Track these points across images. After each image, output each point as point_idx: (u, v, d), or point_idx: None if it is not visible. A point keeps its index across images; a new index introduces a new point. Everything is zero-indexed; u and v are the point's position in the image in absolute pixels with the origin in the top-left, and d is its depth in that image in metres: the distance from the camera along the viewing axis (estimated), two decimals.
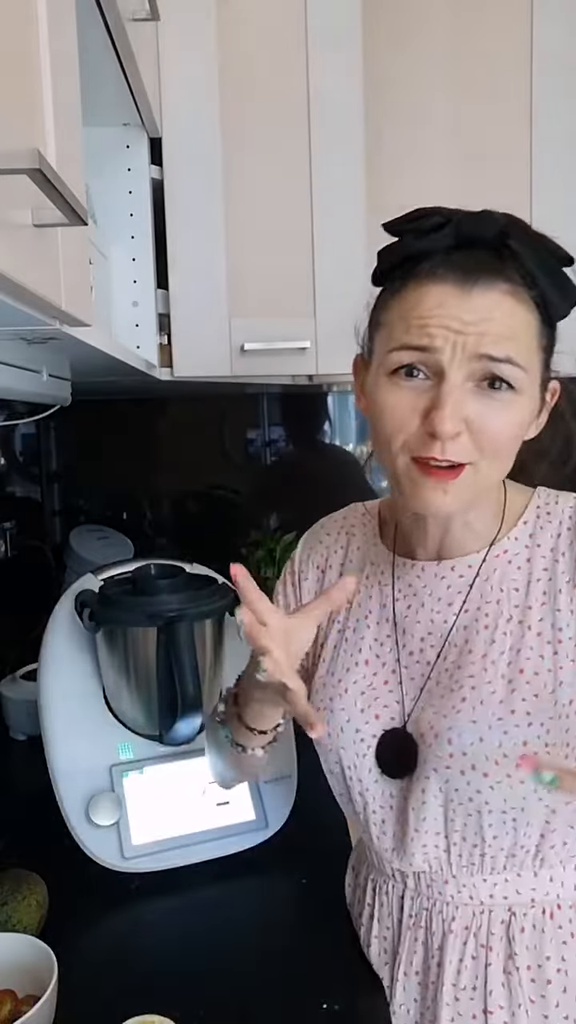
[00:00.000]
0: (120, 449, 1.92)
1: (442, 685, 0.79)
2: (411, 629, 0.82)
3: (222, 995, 0.80)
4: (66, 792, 1.01)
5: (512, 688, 0.75)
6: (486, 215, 0.70)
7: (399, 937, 0.82)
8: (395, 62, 1.50)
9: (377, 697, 0.82)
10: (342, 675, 0.84)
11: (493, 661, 0.76)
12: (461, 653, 0.79)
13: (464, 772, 0.75)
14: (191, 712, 1.01)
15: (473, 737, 0.75)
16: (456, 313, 0.68)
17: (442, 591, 0.81)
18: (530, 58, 1.49)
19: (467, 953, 0.79)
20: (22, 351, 0.89)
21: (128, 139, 1.22)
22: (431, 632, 0.81)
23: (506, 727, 0.74)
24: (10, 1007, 0.73)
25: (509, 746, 0.74)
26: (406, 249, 0.71)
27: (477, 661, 0.77)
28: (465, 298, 0.68)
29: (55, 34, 0.60)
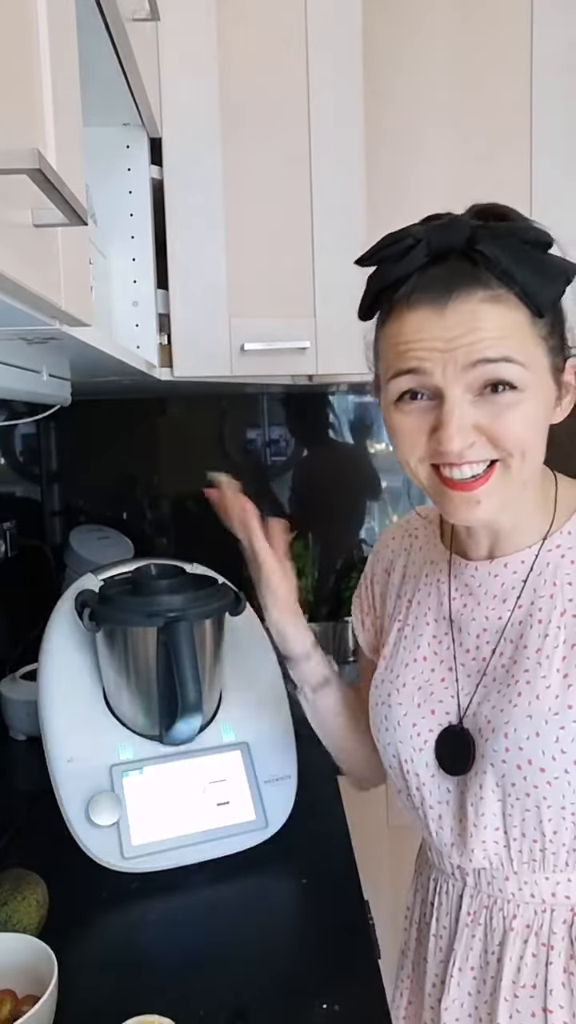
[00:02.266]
0: (120, 449, 1.92)
1: (498, 681, 0.80)
2: (467, 627, 0.83)
3: (222, 995, 0.80)
4: (66, 792, 1.01)
5: (568, 683, 0.75)
6: (453, 224, 0.71)
7: (455, 934, 0.83)
8: (395, 62, 1.50)
9: (433, 693, 0.83)
10: (400, 671, 0.86)
11: (548, 656, 0.76)
12: (516, 648, 0.79)
13: (521, 767, 0.75)
14: (191, 712, 1.01)
15: (529, 732, 0.75)
16: (437, 333, 0.69)
17: (496, 589, 0.82)
18: (530, 56, 1.49)
19: (528, 951, 0.79)
20: (22, 351, 0.89)
21: (128, 139, 1.22)
22: (486, 629, 0.82)
23: (563, 722, 0.74)
24: (10, 1007, 0.73)
25: (567, 741, 0.73)
26: (382, 279, 0.72)
27: (532, 656, 0.77)
28: (443, 315, 0.69)
29: (55, 34, 0.60)
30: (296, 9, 1.47)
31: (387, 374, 0.74)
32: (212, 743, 1.09)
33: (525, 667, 0.77)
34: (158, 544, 1.95)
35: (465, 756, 0.79)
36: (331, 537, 1.98)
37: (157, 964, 0.85)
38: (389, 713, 0.84)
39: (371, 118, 1.51)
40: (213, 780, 1.06)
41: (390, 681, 0.86)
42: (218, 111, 1.33)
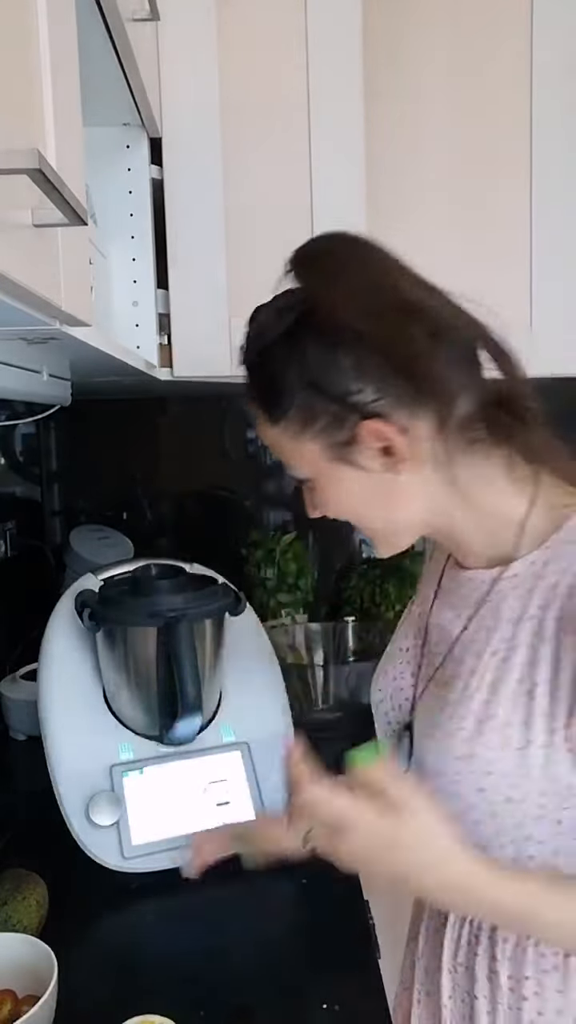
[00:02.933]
0: (120, 449, 1.92)
1: (436, 697, 0.78)
2: (432, 629, 0.83)
3: (222, 995, 0.80)
4: (66, 792, 1.01)
5: (480, 731, 0.71)
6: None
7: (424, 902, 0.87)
8: (395, 61, 1.50)
9: (402, 688, 0.85)
10: (389, 659, 0.89)
11: (470, 695, 0.73)
12: (455, 672, 0.77)
13: (434, 792, 0.73)
14: (191, 712, 1.01)
15: (434, 767, 0.74)
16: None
17: (457, 599, 0.80)
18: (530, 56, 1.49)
19: (462, 935, 0.80)
20: (22, 351, 0.89)
21: (128, 139, 1.22)
22: (441, 638, 0.81)
23: (460, 769, 0.71)
24: (10, 1007, 0.73)
25: (465, 788, 0.71)
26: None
27: (458, 689, 0.75)
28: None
29: (55, 34, 0.60)
30: (296, 9, 1.47)
31: None
32: (212, 743, 1.09)
33: (451, 697, 0.75)
34: (158, 544, 1.95)
35: (409, 753, 0.79)
36: (331, 537, 1.98)
37: (157, 964, 0.85)
38: (374, 696, 0.89)
39: (371, 118, 1.50)
40: (213, 780, 1.06)
41: (381, 666, 0.90)
42: (218, 111, 1.33)
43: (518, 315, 1.50)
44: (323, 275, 0.71)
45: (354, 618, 1.77)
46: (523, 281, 1.51)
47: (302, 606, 1.84)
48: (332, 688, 1.44)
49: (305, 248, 0.72)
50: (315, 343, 0.69)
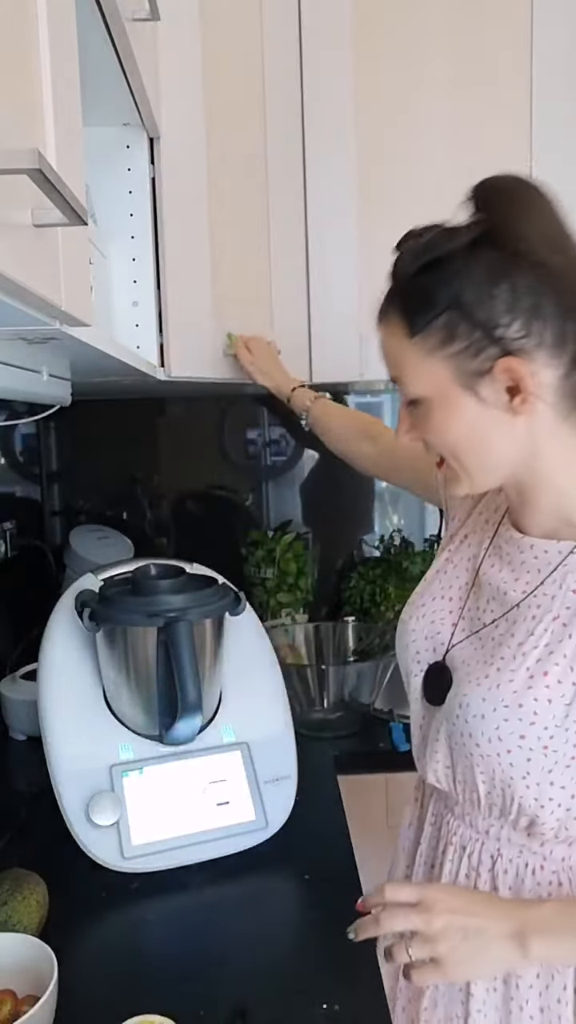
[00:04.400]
0: (120, 449, 1.92)
1: (483, 649, 0.83)
2: (484, 587, 0.87)
3: (222, 995, 0.80)
4: (66, 792, 1.01)
5: (530, 685, 0.77)
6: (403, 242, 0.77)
7: (421, 831, 0.95)
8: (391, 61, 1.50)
9: (439, 631, 0.89)
10: (426, 600, 0.93)
11: (525, 652, 0.78)
12: (508, 631, 0.81)
13: (463, 735, 0.80)
14: (191, 712, 1.01)
15: (478, 712, 0.79)
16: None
17: (517, 563, 0.83)
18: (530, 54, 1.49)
19: (460, 870, 0.86)
20: (22, 351, 0.89)
21: (128, 139, 1.22)
22: (495, 598, 0.85)
23: (508, 716, 0.77)
24: (10, 1007, 0.73)
25: (505, 733, 0.77)
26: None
27: (513, 646, 0.80)
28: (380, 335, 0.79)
29: (55, 34, 0.60)
30: (290, 9, 1.47)
31: None
32: (212, 743, 1.09)
33: (503, 653, 0.80)
34: (158, 544, 1.95)
35: (442, 692, 0.85)
36: (331, 537, 1.98)
37: (157, 964, 0.85)
38: (403, 634, 0.94)
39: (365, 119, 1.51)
40: (213, 780, 1.06)
41: (416, 606, 0.94)
42: (214, 111, 1.33)
43: None
44: (516, 205, 0.72)
45: (354, 618, 1.77)
46: None
47: (302, 606, 1.84)
48: (332, 688, 1.44)
49: (492, 180, 0.74)
50: (483, 268, 0.71)
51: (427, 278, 0.72)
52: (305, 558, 1.84)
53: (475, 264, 0.70)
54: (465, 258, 0.71)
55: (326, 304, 1.53)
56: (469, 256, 0.71)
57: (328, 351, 1.54)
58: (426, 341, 0.73)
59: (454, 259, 0.71)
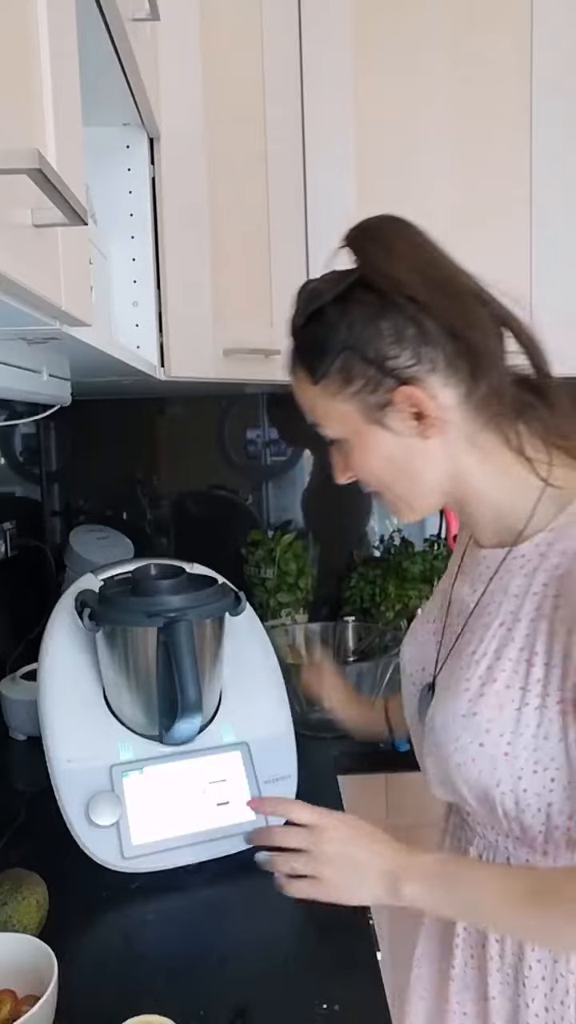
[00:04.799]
0: (120, 449, 1.92)
1: (452, 660, 0.85)
2: (455, 601, 0.89)
3: (222, 995, 0.80)
4: (66, 792, 1.01)
5: (482, 693, 0.78)
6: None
7: (445, 836, 0.97)
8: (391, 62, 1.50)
9: (425, 653, 0.92)
10: (417, 626, 0.97)
11: (477, 661, 0.80)
12: (467, 638, 0.83)
13: (438, 746, 0.81)
14: (191, 712, 1.01)
15: (443, 722, 0.81)
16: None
17: (474, 575, 0.86)
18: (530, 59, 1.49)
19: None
20: (22, 351, 0.89)
21: (128, 139, 1.22)
22: (460, 612, 0.87)
23: (466, 725, 0.78)
24: (10, 1007, 0.73)
25: (466, 742, 0.78)
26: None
27: (467, 655, 0.81)
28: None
29: (55, 34, 0.60)
30: (290, 9, 1.47)
31: None
32: (212, 743, 1.09)
33: (461, 662, 0.82)
34: (158, 544, 1.95)
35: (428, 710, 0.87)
36: (331, 537, 1.98)
37: (157, 964, 0.85)
38: (401, 659, 0.97)
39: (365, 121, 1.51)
40: (213, 780, 1.06)
41: (411, 631, 0.98)
42: (214, 111, 1.33)
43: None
44: (381, 246, 0.76)
45: (354, 618, 1.77)
46: (523, 281, 1.51)
47: (302, 606, 1.84)
48: None
49: (362, 224, 0.78)
50: (362, 308, 0.74)
51: (315, 327, 0.77)
52: (305, 558, 1.84)
53: (355, 308, 0.75)
54: (344, 304, 0.75)
55: None
56: (348, 301, 0.75)
57: None
58: (328, 386, 0.78)
59: (336, 306, 0.76)
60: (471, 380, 0.75)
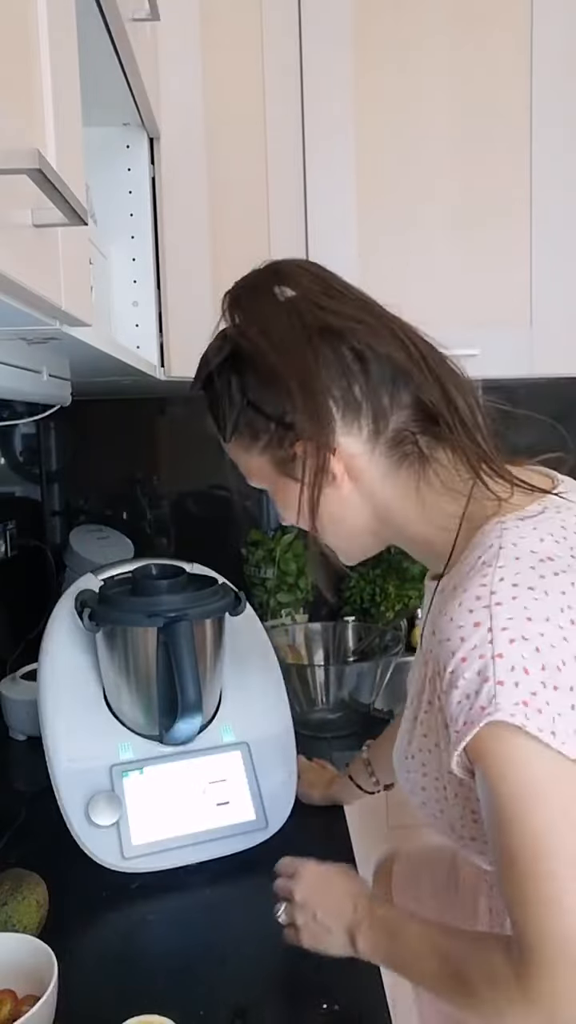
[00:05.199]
0: (120, 449, 1.92)
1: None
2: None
3: (222, 995, 0.80)
4: (66, 792, 1.01)
5: (411, 737, 0.77)
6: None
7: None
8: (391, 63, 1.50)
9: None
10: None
11: (411, 702, 0.78)
12: (411, 678, 0.81)
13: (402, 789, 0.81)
14: (191, 712, 1.01)
15: (396, 766, 0.80)
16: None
17: (426, 607, 0.82)
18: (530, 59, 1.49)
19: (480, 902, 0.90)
20: (22, 351, 0.89)
21: (128, 139, 1.22)
22: (422, 645, 0.82)
23: (409, 768, 0.77)
24: (10, 1007, 0.73)
25: (412, 785, 0.77)
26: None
27: (411, 696, 0.80)
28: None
29: (55, 34, 0.60)
30: (290, 9, 1.47)
31: None
32: (212, 743, 1.09)
33: (406, 706, 0.81)
34: (158, 544, 1.95)
35: None
36: None
37: (157, 964, 0.85)
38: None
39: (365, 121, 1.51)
40: (213, 780, 1.06)
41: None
42: (214, 111, 1.33)
43: (518, 315, 1.51)
44: (242, 313, 0.77)
45: (354, 618, 1.77)
46: (523, 281, 1.51)
47: (302, 606, 1.84)
48: (332, 688, 1.44)
49: (233, 288, 0.79)
50: (248, 371, 0.75)
51: (213, 392, 0.78)
52: (305, 558, 1.84)
53: (241, 372, 0.75)
54: (228, 371, 0.76)
55: None
56: (231, 368, 0.76)
57: None
58: (240, 441, 0.79)
59: (221, 373, 0.76)
60: (373, 424, 0.73)
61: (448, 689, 0.63)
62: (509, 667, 0.60)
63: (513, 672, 0.60)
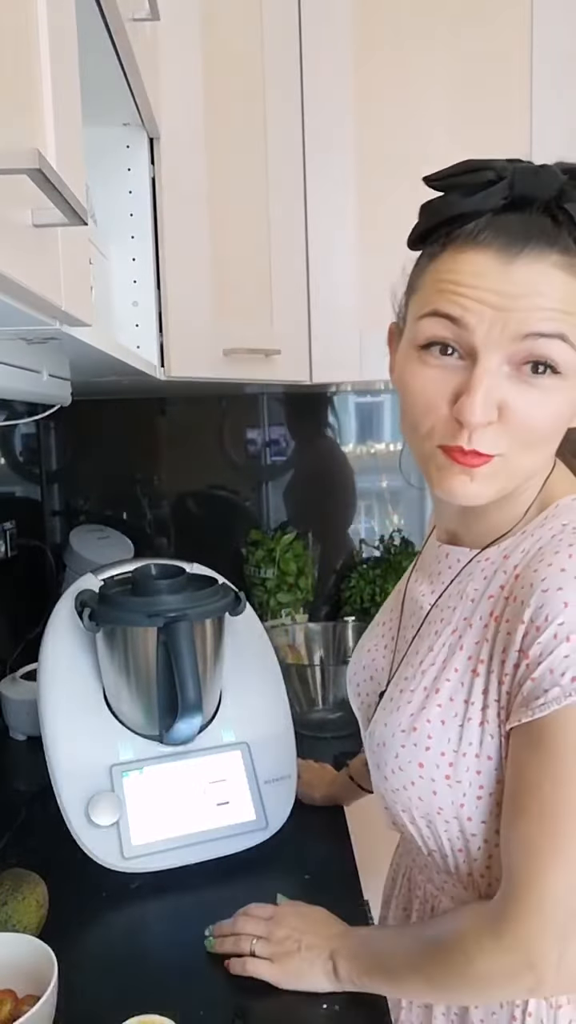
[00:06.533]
0: (120, 449, 1.92)
1: (401, 669, 0.79)
2: (408, 603, 0.83)
3: (222, 995, 0.80)
4: (66, 792, 1.01)
5: (424, 705, 0.72)
6: (545, 171, 0.62)
7: (395, 882, 0.93)
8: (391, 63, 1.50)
9: (374, 659, 0.86)
10: (366, 634, 0.90)
11: (424, 671, 0.74)
12: (418, 645, 0.77)
13: (376, 768, 0.77)
14: (191, 712, 1.01)
15: (381, 739, 0.76)
16: (496, 286, 0.60)
17: (435, 575, 0.79)
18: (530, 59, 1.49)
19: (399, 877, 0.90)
20: (22, 351, 0.89)
21: (128, 139, 1.22)
22: (415, 613, 0.80)
23: (404, 741, 0.73)
24: (10, 1007, 0.73)
25: (404, 761, 0.73)
26: (450, 208, 0.63)
27: (415, 664, 0.75)
28: (508, 269, 0.60)
29: (55, 34, 0.60)
30: (290, 9, 1.47)
31: (420, 311, 0.65)
32: (212, 743, 1.09)
33: (407, 672, 0.76)
34: (158, 544, 1.95)
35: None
36: (331, 537, 1.98)
37: (157, 964, 0.85)
38: (349, 670, 0.92)
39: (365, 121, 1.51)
40: (213, 780, 1.06)
41: (361, 641, 0.92)
42: (214, 111, 1.33)
43: None
44: None
45: (354, 618, 1.77)
46: None
47: (302, 606, 1.85)
48: (332, 688, 1.44)
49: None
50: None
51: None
52: (305, 558, 1.84)
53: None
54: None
55: (326, 304, 1.53)
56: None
57: (328, 351, 1.54)
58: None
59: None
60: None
61: (551, 642, 0.61)
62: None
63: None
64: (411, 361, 0.66)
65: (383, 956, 0.76)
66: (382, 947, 0.77)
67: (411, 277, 0.71)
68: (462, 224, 0.63)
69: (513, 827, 0.66)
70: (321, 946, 0.79)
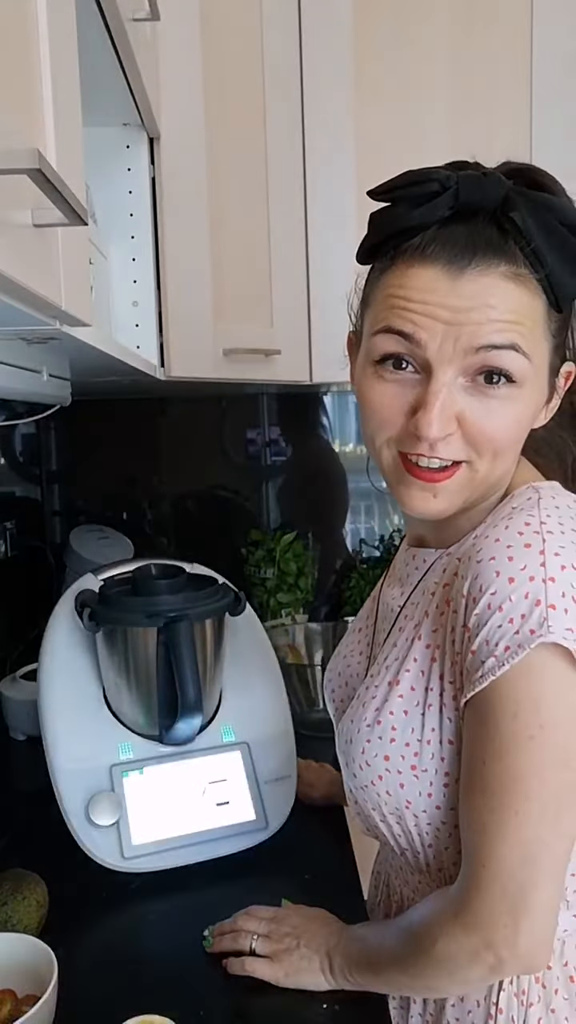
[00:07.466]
0: (120, 449, 1.92)
1: (372, 669, 0.79)
2: (381, 608, 0.84)
3: (222, 995, 0.80)
4: (66, 792, 1.01)
5: (387, 697, 0.72)
6: (489, 179, 0.62)
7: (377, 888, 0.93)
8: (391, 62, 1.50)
9: (349, 665, 0.87)
10: (343, 641, 0.92)
11: (388, 666, 0.74)
12: (387, 645, 0.77)
13: (345, 766, 0.77)
14: (191, 712, 1.01)
15: (347, 735, 0.76)
16: (445, 300, 0.61)
17: (404, 578, 0.80)
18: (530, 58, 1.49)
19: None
20: (22, 351, 0.89)
21: (128, 139, 1.22)
22: (387, 617, 0.81)
23: (370, 735, 0.73)
24: (10, 1007, 0.73)
25: (371, 756, 0.73)
26: (396, 222, 0.64)
27: (380, 661, 0.76)
28: (456, 283, 0.61)
29: (55, 34, 0.60)
30: (290, 9, 1.47)
31: (374, 327, 0.66)
32: (212, 743, 1.09)
33: (373, 671, 0.77)
34: (158, 544, 1.95)
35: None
36: (331, 537, 1.98)
37: (157, 964, 0.85)
38: (326, 675, 0.92)
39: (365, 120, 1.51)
40: (213, 780, 1.06)
41: (338, 647, 0.93)
42: (214, 111, 1.33)
43: None
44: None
45: (354, 618, 1.77)
46: None
47: (302, 606, 1.85)
48: None
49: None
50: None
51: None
52: (305, 558, 1.84)
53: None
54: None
55: (326, 304, 1.53)
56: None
57: (328, 351, 1.53)
58: (554, 321, 0.67)
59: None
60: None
61: (485, 612, 0.60)
62: (560, 592, 0.59)
63: (564, 599, 0.58)
64: (368, 375, 0.67)
65: (370, 951, 0.77)
66: (370, 942, 0.78)
67: (364, 289, 0.72)
68: (409, 237, 0.63)
69: (464, 807, 0.66)
70: (319, 944, 0.80)
